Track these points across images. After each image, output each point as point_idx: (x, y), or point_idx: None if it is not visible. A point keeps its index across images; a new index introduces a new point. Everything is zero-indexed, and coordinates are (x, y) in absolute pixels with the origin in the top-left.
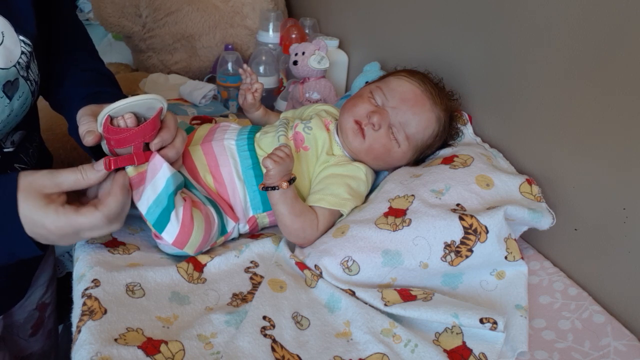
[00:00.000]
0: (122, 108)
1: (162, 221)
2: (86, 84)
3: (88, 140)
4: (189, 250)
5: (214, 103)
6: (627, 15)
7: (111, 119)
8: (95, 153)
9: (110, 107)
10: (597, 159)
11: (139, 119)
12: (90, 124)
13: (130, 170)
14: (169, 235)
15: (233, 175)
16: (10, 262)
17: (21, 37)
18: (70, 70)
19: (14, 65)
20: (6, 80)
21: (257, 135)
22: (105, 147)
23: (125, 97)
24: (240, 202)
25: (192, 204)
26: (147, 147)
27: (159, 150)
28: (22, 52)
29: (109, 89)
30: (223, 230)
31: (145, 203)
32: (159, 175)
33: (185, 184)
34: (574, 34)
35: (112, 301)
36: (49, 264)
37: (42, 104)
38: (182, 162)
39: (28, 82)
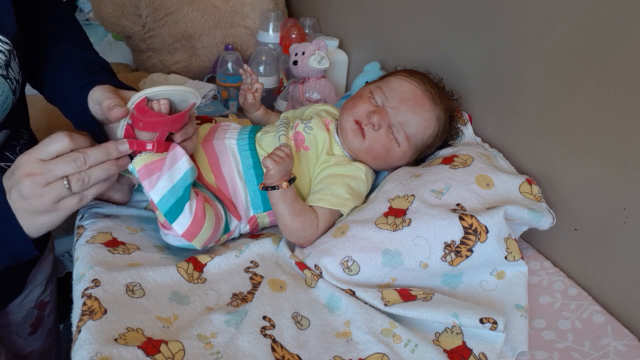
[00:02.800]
0: (160, 93)
1: (175, 211)
2: (81, 73)
3: (115, 113)
4: (197, 243)
5: (214, 103)
6: (627, 14)
7: (147, 100)
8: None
9: (150, 90)
10: (597, 159)
11: (170, 108)
12: (117, 99)
13: (146, 156)
14: (180, 226)
15: (234, 174)
16: (10, 264)
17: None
18: (63, 61)
19: None
20: None
21: (258, 134)
22: (120, 130)
23: (126, 85)
24: (242, 201)
25: (205, 199)
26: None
27: (179, 143)
28: (0, 51)
29: (105, 76)
30: (226, 228)
31: (160, 192)
32: (179, 166)
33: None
34: (574, 34)
35: (112, 301)
36: (48, 263)
37: (42, 104)
38: None
39: (8, 80)
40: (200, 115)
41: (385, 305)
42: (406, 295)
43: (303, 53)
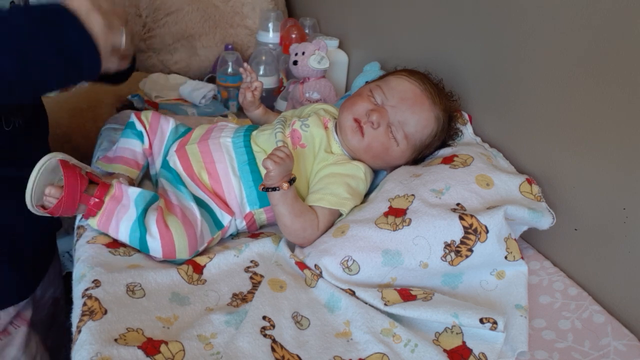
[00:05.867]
0: (34, 193)
1: (144, 244)
2: None
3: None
4: (183, 255)
5: (214, 103)
6: (627, 14)
7: (42, 206)
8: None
9: (28, 204)
10: (597, 159)
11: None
12: None
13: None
14: (156, 252)
15: (228, 171)
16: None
17: None
18: None
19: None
20: (11, 1)
21: (254, 132)
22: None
23: None
24: (236, 198)
25: (166, 208)
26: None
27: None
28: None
29: None
30: (218, 225)
31: (125, 233)
32: (124, 203)
33: (174, 182)
34: (574, 34)
35: (112, 301)
36: (56, 260)
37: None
38: (177, 157)
39: None
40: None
41: (385, 305)
42: (406, 295)
43: (303, 53)
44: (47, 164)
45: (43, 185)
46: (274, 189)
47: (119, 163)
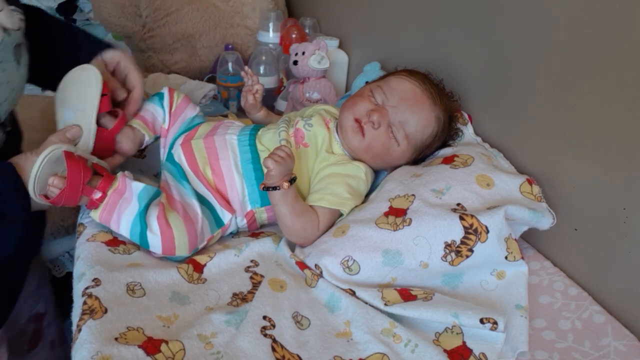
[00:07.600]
0: (37, 182)
1: (144, 240)
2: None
3: None
4: (182, 252)
5: (214, 103)
6: (627, 15)
7: (45, 196)
8: None
9: (31, 192)
10: (597, 159)
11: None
12: None
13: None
14: (156, 248)
15: (232, 168)
16: None
17: (12, 7)
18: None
19: (19, 29)
20: (16, 43)
21: (259, 132)
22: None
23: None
24: (238, 196)
25: (168, 203)
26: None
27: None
28: (20, 19)
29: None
30: (219, 222)
31: (126, 227)
32: (126, 197)
33: (178, 177)
34: (574, 33)
35: (112, 300)
36: (36, 273)
37: (43, 104)
38: (182, 151)
39: (27, 52)
40: None
41: (386, 305)
42: (406, 295)
43: (303, 53)
44: (51, 154)
45: (47, 174)
46: (274, 188)
47: (138, 119)
